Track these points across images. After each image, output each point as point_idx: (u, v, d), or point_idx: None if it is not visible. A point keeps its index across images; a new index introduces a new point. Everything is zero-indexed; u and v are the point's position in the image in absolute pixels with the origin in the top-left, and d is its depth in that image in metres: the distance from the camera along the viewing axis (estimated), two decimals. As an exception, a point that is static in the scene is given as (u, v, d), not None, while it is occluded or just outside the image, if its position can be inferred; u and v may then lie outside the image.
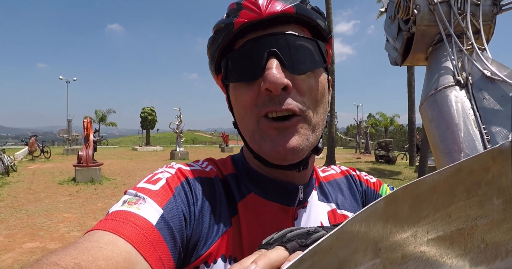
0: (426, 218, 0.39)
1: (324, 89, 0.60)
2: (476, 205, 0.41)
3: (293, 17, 0.57)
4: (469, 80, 0.93)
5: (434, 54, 1.12)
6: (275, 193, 0.63)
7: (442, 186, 0.38)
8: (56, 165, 15.03)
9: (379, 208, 0.36)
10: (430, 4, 1.08)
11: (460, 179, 0.39)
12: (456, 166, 0.39)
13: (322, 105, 0.60)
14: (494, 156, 0.41)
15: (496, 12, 1.09)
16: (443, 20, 1.03)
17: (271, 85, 0.52)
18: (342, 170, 0.82)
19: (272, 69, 0.52)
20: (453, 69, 0.98)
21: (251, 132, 0.58)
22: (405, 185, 0.37)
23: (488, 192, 0.41)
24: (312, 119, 0.57)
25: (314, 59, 0.57)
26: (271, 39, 0.55)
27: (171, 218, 0.50)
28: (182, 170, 0.60)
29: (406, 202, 0.37)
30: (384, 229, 0.37)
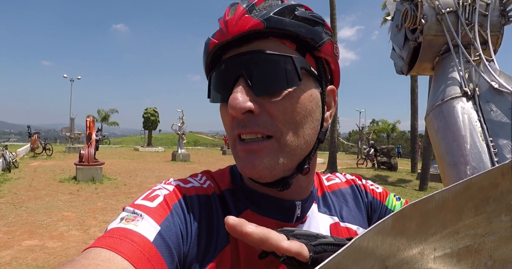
0: (434, 236, 0.38)
1: (308, 108, 0.56)
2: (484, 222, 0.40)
3: (265, 33, 0.53)
4: (476, 91, 0.92)
5: (441, 64, 1.10)
6: (272, 210, 0.62)
7: (451, 203, 0.37)
8: (58, 163, 15.09)
9: (387, 225, 0.35)
10: (437, 14, 1.07)
11: (469, 195, 0.38)
12: (465, 183, 0.38)
13: (305, 126, 0.56)
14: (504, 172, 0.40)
15: (504, 23, 1.08)
16: (450, 30, 1.02)
17: (232, 110, 0.51)
18: (347, 179, 0.80)
19: (235, 94, 0.51)
20: (460, 80, 0.96)
21: (231, 150, 0.59)
22: (413, 202, 0.36)
23: (496, 209, 0.40)
24: (288, 142, 0.54)
25: (285, 78, 0.53)
26: (240, 60, 0.53)
27: (169, 234, 0.50)
28: (180, 187, 0.59)
29: (414, 220, 0.36)
30: (392, 247, 0.36)
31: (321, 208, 0.70)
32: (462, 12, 1.06)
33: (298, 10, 0.55)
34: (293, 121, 0.54)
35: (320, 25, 0.57)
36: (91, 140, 11.35)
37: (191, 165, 17.08)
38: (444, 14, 1.05)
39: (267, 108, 0.53)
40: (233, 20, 0.52)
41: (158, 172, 13.78)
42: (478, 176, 0.39)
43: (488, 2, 1.09)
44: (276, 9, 0.53)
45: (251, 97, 0.52)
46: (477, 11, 1.04)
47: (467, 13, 1.06)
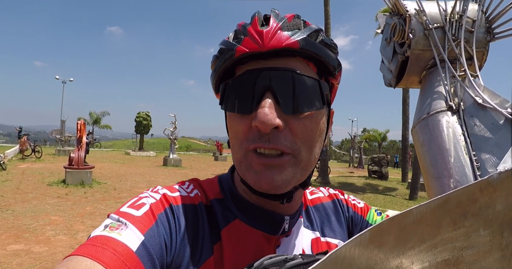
0: (412, 250, 0.38)
1: (322, 129, 0.59)
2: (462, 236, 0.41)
3: (298, 52, 0.54)
4: (461, 106, 0.94)
5: (427, 78, 1.13)
6: (261, 221, 0.62)
7: (429, 218, 0.38)
8: (47, 166, 14.87)
9: (364, 239, 0.36)
10: (425, 29, 1.09)
11: (447, 210, 0.39)
12: (443, 198, 0.39)
13: (317, 145, 0.59)
14: (482, 188, 0.41)
15: (490, 39, 1.11)
16: (437, 46, 1.04)
17: (260, 125, 0.51)
18: (330, 194, 0.81)
19: (265, 108, 0.51)
20: (446, 94, 0.99)
21: (238, 161, 0.58)
22: (391, 216, 0.37)
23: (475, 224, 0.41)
24: (303, 158, 0.56)
25: (313, 101, 0.55)
26: (270, 74, 0.53)
27: (152, 245, 0.50)
28: (167, 196, 0.59)
29: (392, 234, 0.37)
30: (369, 261, 0.36)
31: (304, 222, 0.71)
32: (449, 28, 1.09)
33: (322, 35, 0.58)
34: (310, 139, 0.56)
35: (337, 52, 0.60)
36: (82, 143, 11.23)
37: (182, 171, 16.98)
38: (431, 29, 1.08)
39: (290, 126, 0.54)
40: (268, 33, 0.53)
41: (149, 177, 13.66)
42: (456, 192, 0.40)
43: (474, 19, 1.12)
44: (308, 31, 0.55)
45: (278, 114, 0.52)
46: (463, 28, 1.07)
47: (454, 29, 1.09)
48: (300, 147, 0.55)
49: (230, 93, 0.57)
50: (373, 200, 11.39)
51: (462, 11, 1.12)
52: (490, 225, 0.42)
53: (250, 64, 0.56)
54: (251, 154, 0.55)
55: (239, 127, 0.56)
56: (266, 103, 0.52)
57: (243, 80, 0.55)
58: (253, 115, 0.53)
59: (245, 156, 0.56)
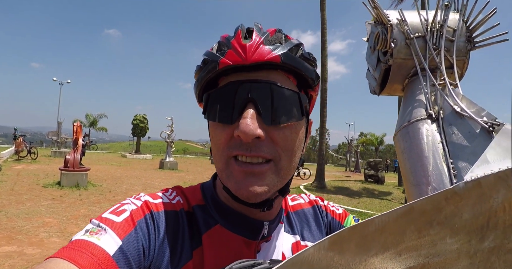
0: (374, 257, 0.39)
1: (301, 138, 0.62)
2: (428, 244, 0.42)
3: (279, 66, 0.57)
4: (440, 114, 0.95)
5: (409, 87, 1.15)
6: (241, 227, 0.64)
7: (392, 226, 0.39)
8: (42, 167, 14.81)
9: (323, 246, 0.37)
10: (406, 38, 1.11)
11: (411, 219, 0.40)
12: (407, 207, 0.40)
13: (296, 154, 0.61)
14: (448, 197, 0.42)
15: (470, 48, 1.13)
16: (418, 55, 1.06)
17: (242, 135, 0.53)
18: (310, 200, 0.84)
19: (247, 119, 0.53)
20: (426, 103, 1.00)
21: (220, 170, 0.60)
22: (352, 225, 0.38)
23: (441, 232, 0.42)
24: (284, 167, 0.58)
25: (293, 112, 0.58)
26: (252, 86, 0.56)
27: (130, 250, 0.52)
28: (148, 203, 0.61)
29: (353, 241, 0.38)
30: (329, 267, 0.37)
31: (285, 227, 0.74)
32: (430, 37, 1.11)
33: (302, 50, 0.61)
34: (290, 149, 0.59)
35: (316, 66, 0.64)
36: (78, 145, 11.19)
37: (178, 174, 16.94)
38: (412, 38, 1.10)
39: (271, 135, 0.56)
40: (251, 47, 0.55)
41: (145, 179, 13.63)
42: (420, 201, 0.41)
43: (455, 29, 1.14)
44: (289, 46, 0.58)
45: (259, 124, 0.55)
46: (444, 37, 1.09)
47: (435, 38, 1.11)
48: (281, 154, 0.58)
49: (213, 103, 0.59)
50: (369, 205, 11.40)
51: (443, 20, 1.14)
52: (457, 233, 0.43)
53: (233, 76, 0.58)
54: (232, 162, 0.57)
55: (221, 136, 0.58)
56: (248, 114, 0.54)
57: (226, 91, 0.57)
58: (235, 125, 0.55)
59: (226, 164, 0.58)
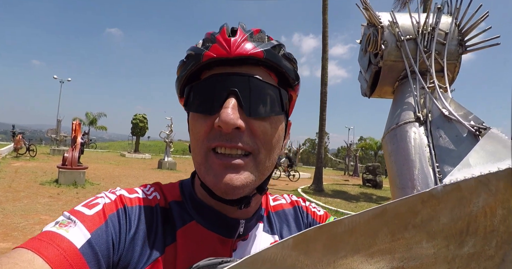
0: (344, 258, 0.38)
1: (280, 135, 0.63)
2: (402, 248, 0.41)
3: (261, 61, 0.59)
4: (428, 117, 0.94)
5: (399, 89, 1.14)
6: (216, 224, 0.64)
7: (362, 228, 0.38)
8: (41, 165, 14.80)
9: (287, 245, 0.36)
10: (397, 40, 1.11)
11: (384, 221, 0.39)
12: (379, 209, 0.39)
13: (275, 150, 0.62)
14: (424, 200, 0.41)
15: (462, 52, 1.13)
16: (408, 57, 1.06)
17: (222, 124, 0.54)
18: (292, 201, 0.84)
19: (228, 109, 0.54)
20: (415, 106, 1.00)
21: (198, 163, 0.60)
22: (320, 225, 0.37)
23: (416, 235, 0.41)
24: (262, 161, 0.59)
25: (273, 106, 0.60)
26: (235, 79, 0.57)
27: (98, 243, 0.52)
28: (122, 198, 0.61)
29: (320, 242, 0.37)
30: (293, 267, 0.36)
31: (265, 227, 0.73)
32: (421, 40, 1.10)
33: (285, 50, 0.64)
34: (269, 142, 0.60)
35: (296, 67, 0.66)
36: (76, 143, 11.19)
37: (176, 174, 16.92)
38: (403, 41, 1.09)
39: (252, 128, 0.58)
40: (236, 41, 0.57)
41: (143, 179, 13.60)
42: (394, 203, 0.40)
43: (447, 32, 1.13)
44: (272, 44, 0.60)
45: (241, 115, 0.56)
46: (435, 40, 1.08)
47: (426, 41, 1.10)
48: (260, 147, 0.58)
49: (195, 95, 0.60)
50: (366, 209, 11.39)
51: (435, 23, 1.13)
52: (434, 237, 0.42)
53: (216, 69, 0.60)
54: (211, 155, 0.57)
55: (201, 128, 0.58)
56: (229, 104, 0.55)
57: (209, 83, 0.59)
58: (216, 116, 0.56)
59: (205, 157, 0.58)
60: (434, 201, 0.41)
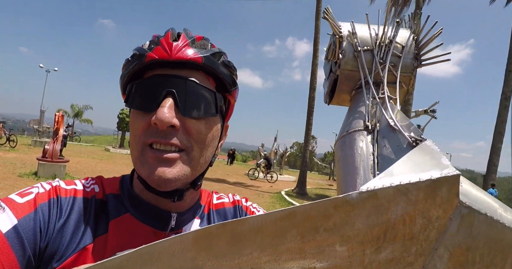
0: (249, 256, 0.39)
1: (214, 135, 0.68)
2: (314, 250, 0.42)
3: (200, 66, 0.64)
4: (376, 126, 0.97)
5: (355, 98, 1.17)
6: (150, 217, 0.67)
7: (269, 228, 0.39)
8: (20, 156, 14.47)
9: (186, 240, 0.37)
10: (355, 50, 1.14)
11: (292, 223, 0.40)
12: (287, 211, 0.41)
13: (209, 149, 0.67)
14: (337, 205, 0.43)
15: (417, 65, 1.17)
16: (364, 68, 1.09)
17: (158, 121, 0.58)
18: (234, 200, 0.87)
19: (164, 108, 0.59)
20: (365, 115, 1.03)
21: (135, 157, 0.64)
22: (222, 222, 0.38)
23: (329, 239, 0.42)
24: (195, 157, 0.64)
25: (208, 108, 0.65)
26: (174, 80, 0.62)
27: (24, 230, 0.55)
28: (57, 188, 0.64)
29: (223, 238, 0.38)
30: (195, 261, 0.37)
31: (202, 223, 0.76)
32: (378, 51, 1.13)
33: (224, 58, 0.69)
34: (203, 141, 0.65)
35: (235, 74, 0.72)
36: (58, 135, 10.99)
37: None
38: (360, 51, 1.12)
39: (186, 126, 0.62)
40: (177, 46, 0.62)
41: (125, 175, 13.43)
42: (304, 206, 0.41)
43: (403, 45, 1.17)
44: (212, 51, 0.65)
45: (176, 115, 0.60)
46: (391, 52, 1.12)
47: (383, 53, 1.14)
48: (193, 145, 0.63)
49: (136, 93, 0.64)
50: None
51: (393, 36, 1.17)
52: (348, 241, 0.44)
53: (158, 70, 0.64)
54: (147, 150, 0.61)
55: (139, 124, 0.62)
56: (166, 103, 0.59)
57: (150, 82, 0.63)
58: (154, 114, 0.59)
59: (142, 152, 0.62)
60: (348, 207, 0.42)
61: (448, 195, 0.42)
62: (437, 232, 0.43)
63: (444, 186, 0.42)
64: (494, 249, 0.46)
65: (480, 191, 0.54)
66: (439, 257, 0.44)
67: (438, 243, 0.44)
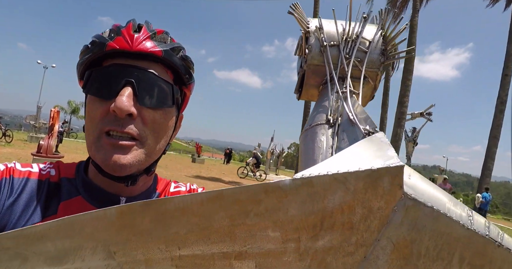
0: (175, 235, 0.39)
1: (170, 125, 0.71)
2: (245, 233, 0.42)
3: (159, 59, 0.66)
4: (338, 120, 0.99)
5: (321, 93, 1.18)
6: (100, 200, 0.70)
7: (195, 209, 0.39)
8: (16, 151, 14.40)
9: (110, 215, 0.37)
10: (321, 46, 1.15)
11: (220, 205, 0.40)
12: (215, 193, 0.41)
13: (163, 138, 0.70)
14: (268, 190, 0.43)
15: (383, 61, 1.18)
16: (329, 63, 1.10)
17: (117, 109, 0.60)
18: (190, 188, 0.88)
19: (123, 97, 0.60)
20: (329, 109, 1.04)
21: (90, 142, 0.65)
22: (147, 200, 0.38)
23: (260, 223, 0.42)
24: (149, 146, 0.66)
25: (165, 99, 0.67)
26: (133, 71, 0.64)
27: None
28: (12, 169, 0.67)
29: (147, 216, 0.38)
30: (119, 236, 0.38)
31: None
32: (344, 47, 1.15)
33: (183, 53, 0.71)
34: (158, 131, 0.67)
35: (192, 68, 0.75)
36: (53, 131, 10.98)
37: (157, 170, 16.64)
38: (326, 46, 1.13)
39: (143, 116, 0.64)
40: (138, 38, 0.64)
41: (119, 172, 13.39)
42: (232, 189, 0.42)
43: (370, 40, 1.18)
44: (172, 45, 0.68)
45: (134, 104, 0.62)
46: (357, 48, 1.13)
47: (349, 48, 1.15)
48: (148, 135, 0.65)
49: (95, 80, 0.65)
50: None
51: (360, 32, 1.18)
52: (281, 227, 0.44)
53: (118, 60, 0.65)
54: (103, 136, 0.63)
55: (97, 111, 0.64)
56: (125, 92, 0.61)
57: (110, 70, 0.64)
58: (112, 102, 0.61)
59: (98, 138, 0.63)
60: (280, 193, 0.42)
61: (390, 186, 0.41)
62: (379, 223, 0.42)
63: (386, 177, 0.40)
64: (441, 243, 0.45)
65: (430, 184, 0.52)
66: (382, 248, 0.43)
67: (381, 234, 0.43)
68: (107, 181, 0.68)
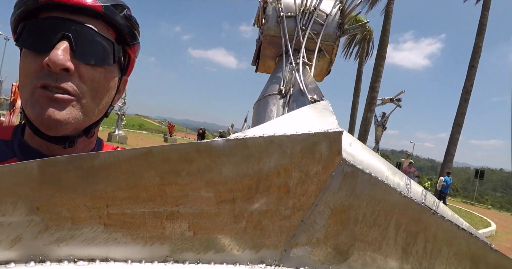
0: (102, 192, 0.37)
1: (110, 86, 0.69)
2: (176, 193, 0.40)
3: (100, 15, 0.63)
4: (290, 91, 0.99)
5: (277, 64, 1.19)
6: None
7: (123, 166, 0.37)
8: (-26, 128, 13.66)
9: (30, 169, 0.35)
10: (278, 16, 1.14)
11: (149, 163, 0.38)
12: (143, 150, 0.39)
13: (103, 98, 0.68)
14: (200, 149, 0.41)
15: (340, 35, 1.18)
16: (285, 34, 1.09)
17: (51, 63, 0.57)
18: None
19: (59, 50, 0.57)
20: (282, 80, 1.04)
21: (25, 99, 0.62)
22: (72, 155, 0.36)
23: (192, 183, 0.41)
24: (87, 104, 0.63)
25: (105, 57, 0.65)
26: (70, 25, 0.60)
27: None
28: None
29: (72, 172, 0.35)
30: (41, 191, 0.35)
31: None
32: (301, 18, 1.14)
33: (127, 12, 0.69)
34: (96, 90, 0.64)
35: (137, 29, 0.73)
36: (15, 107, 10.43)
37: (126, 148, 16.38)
38: (283, 17, 1.13)
39: (80, 72, 0.61)
40: None
41: (87, 150, 13.02)
42: (162, 147, 0.40)
43: (327, 14, 1.18)
44: (114, 2, 0.65)
45: (72, 59, 0.59)
46: (313, 20, 1.13)
47: (306, 20, 1.15)
48: (85, 93, 0.62)
49: (29, 33, 0.62)
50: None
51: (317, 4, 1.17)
52: (215, 188, 0.42)
53: (55, 13, 0.62)
54: (38, 91, 0.59)
55: (31, 65, 0.60)
56: (61, 46, 0.58)
57: (45, 23, 0.61)
58: (47, 55, 0.57)
59: (32, 93, 0.60)
60: (213, 153, 0.41)
61: (328, 151, 0.41)
62: (316, 188, 0.43)
63: (323, 142, 0.41)
64: (378, 209, 0.47)
65: (372, 153, 0.51)
66: (320, 213, 0.44)
67: (318, 199, 0.43)
68: (44, 143, 0.65)
